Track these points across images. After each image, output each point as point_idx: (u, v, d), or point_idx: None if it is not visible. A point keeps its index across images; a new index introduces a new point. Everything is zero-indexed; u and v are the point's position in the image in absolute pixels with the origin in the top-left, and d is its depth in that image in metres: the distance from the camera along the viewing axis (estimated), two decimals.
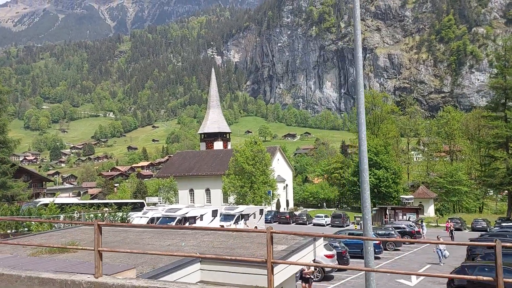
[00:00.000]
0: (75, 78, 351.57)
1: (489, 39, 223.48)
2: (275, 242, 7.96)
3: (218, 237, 9.16)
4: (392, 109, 70.39)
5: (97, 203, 29.61)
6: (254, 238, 8.91)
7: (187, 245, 8.06)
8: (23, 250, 7.95)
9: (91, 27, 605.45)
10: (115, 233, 9.85)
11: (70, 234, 9.87)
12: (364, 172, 7.75)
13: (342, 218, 45.25)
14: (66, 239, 8.97)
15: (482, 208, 65.63)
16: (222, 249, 7.80)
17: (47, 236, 9.86)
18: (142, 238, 9.17)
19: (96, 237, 4.90)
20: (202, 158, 68.52)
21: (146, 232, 10.04)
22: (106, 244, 7.30)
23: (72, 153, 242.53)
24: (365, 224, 7.75)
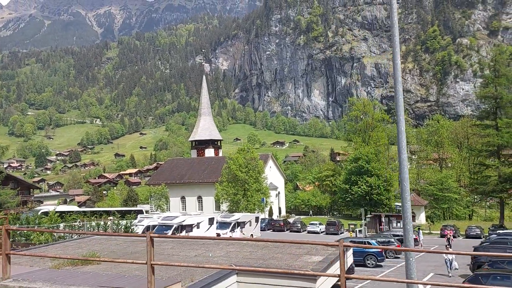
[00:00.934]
0: (61, 84, 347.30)
1: (473, 50, 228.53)
2: (310, 253, 7.85)
3: (243, 247, 9.01)
4: (382, 117, 71.24)
5: (99, 211, 29.02)
6: (282, 248, 8.76)
7: (215, 256, 7.91)
8: (42, 262, 7.67)
9: (78, 33, 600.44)
10: (134, 244, 9.62)
11: (86, 245, 9.60)
12: (405, 181, 7.66)
13: (336, 225, 45.30)
14: (82, 249, 8.72)
15: (472, 215, 66.52)
16: (254, 260, 7.65)
17: (62, 247, 9.57)
18: (163, 248, 8.97)
19: (149, 250, 4.75)
20: (193, 166, 68.11)
21: (166, 242, 9.83)
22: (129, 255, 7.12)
23: (58, 160, 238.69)
24: (406, 235, 7.53)
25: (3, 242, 6.03)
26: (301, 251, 8.21)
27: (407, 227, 7.53)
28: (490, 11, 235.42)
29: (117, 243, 9.53)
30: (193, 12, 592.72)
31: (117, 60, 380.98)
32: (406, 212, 7.61)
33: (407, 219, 7.59)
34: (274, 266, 6.99)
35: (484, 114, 46.00)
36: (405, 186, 7.66)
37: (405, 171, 7.74)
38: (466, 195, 66.39)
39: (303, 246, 8.20)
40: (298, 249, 8.40)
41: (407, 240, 7.44)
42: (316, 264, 7.07)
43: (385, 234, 28.44)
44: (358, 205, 66.26)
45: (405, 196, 7.65)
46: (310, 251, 8.41)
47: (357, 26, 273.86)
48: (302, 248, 6.90)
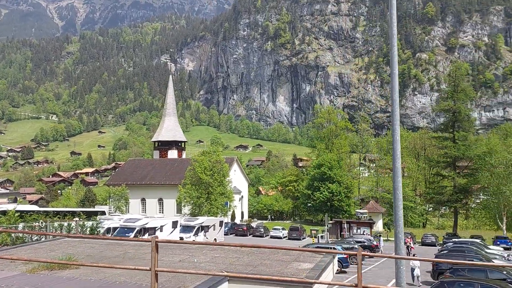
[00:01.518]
0: (16, 77, 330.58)
1: (431, 64, 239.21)
2: (298, 260, 7.61)
3: (228, 252, 8.64)
4: (346, 126, 72.78)
5: (62, 211, 27.38)
6: (269, 255, 8.47)
7: (200, 262, 7.50)
8: (13, 265, 6.95)
9: (37, 25, 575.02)
10: (109, 247, 9.01)
11: (58, 247, 8.88)
12: (398, 190, 7.60)
13: (299, 231, 45.53)
14: (56, 253, 8.04)
15: (426, 223, 69.08)
16: (243, 266, 7.32)
17: (32, 249, 8.79)
18: (144, 253, 8.43)
19: (154, 255, 4.33)
20: (155, 167, 66.55)
21: (144, 246, 9.28)
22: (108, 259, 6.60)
23: (9, 156, 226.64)
24: (398, 243, 7.48)
25: None
26: (289, 258, 7.99)
27: (399, 235, 7.49)
28: (449, 28, 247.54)
29: (91, 246, 8.89)
30: (160, 11, 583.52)
31: (78, 55, 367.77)
32: (398, 220, 7.57)
33: (399, 228, 7.54)
34: (266, 273, 6.70)
35: (442, 127, 47.99)
36: (398, 194, 7.63)
37: (399, 180, 7.71)
38: (421, 203, 68.98)
39: (290, 252, 7.97)
40: (285, 255, 8.18)
41: (398, 248, 7.40)
42: (309, 271, 6.86)
43: (348, 240, 28.85)
44: (320, 211, 67.19)
45: (398, 204, 7.61)
46: (297, 257, 8.22)
47: (323, 35, 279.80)
48: (289, 255, 6.66)
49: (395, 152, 7.67)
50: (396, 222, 7.64)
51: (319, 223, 68.08)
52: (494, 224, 53.07)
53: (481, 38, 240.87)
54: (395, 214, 7.68)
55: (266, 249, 9.19)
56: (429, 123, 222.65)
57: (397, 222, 7.62)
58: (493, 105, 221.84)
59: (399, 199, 7.65)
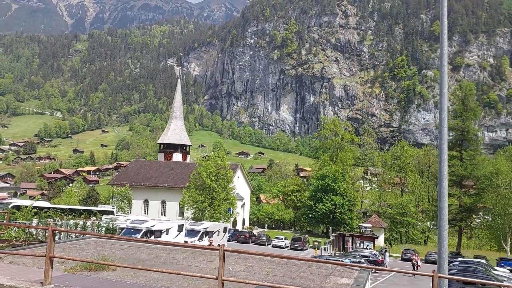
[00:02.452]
0: (23, 72, 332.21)
1: (436, 82, 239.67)
2: (334, 274, 7.69)
3: (260, 262, 8.69)
4: (352, 139, 72.94)
5: (78, 209, 27.41)
6: (300, 267, 8.52)
7: (236, 270, 7.58)
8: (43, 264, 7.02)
9: (47, 21, 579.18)
10: (137, 249, 9.09)
11: (87, 247, 8.96)
12: (444, 210, 7.62)
13: (302, 241, 45.41)
14: (86, 252, 8.14)
15: (427, 241, 68.85)
16: (282, 278, 7.38)
17: (63, 248, 8.87)
18: (175, 257, 8.49)
19: (221, 264, 4.45)
20: (160, 169, 66.66)
21: (174, 250, 9.34)
22: (141, 262, 6.71)
23: (11, 150, 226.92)
24: (442, 263, 7.43)
25: (48, 244, 5.47)
26: (323, 271, 8.03)
27: (443, 255, 7.49)
28: (455, 47, 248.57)
29: (120, 248, 8.94)
30: (169, 14, 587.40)
31: (86, 54, 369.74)
32: (443, 240, 7.56)
33: (443, 248, 7.55)
34: (307, 286, 6.76)
35: (449, 145, 48.07)
36: (444, 214, 7.62)
37: (445, 200, 7.74)
38: (424, 220, 68.84)
39: (321, 265, 8.01)
40: (318, 268, 8.23)
41: (442, 269, 7.42)
42: (344, 286, 6.90)
43: (354, 254, 28.81)
44: (321, 222, 67.12)
45: (443, 224, 7.58)
46: (332, 272, 8.25)
47: (330, 47, 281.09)
48: (322, 268, 6.71)
49: (442, 172, 7.75)
50: (441, 242, 7.64)
51: (319, 235, 67.95)
52: (496, 245, 52.94)
53: (487, 59, 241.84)
54: (439, 234, 7.68)
55: (297, 261, 9.24)
56: (432, 140, 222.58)
57: (441, 242, 7.62)
58: (496, 125, 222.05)
59: (444, 219, 7.66)
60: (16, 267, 6.28)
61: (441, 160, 7.81)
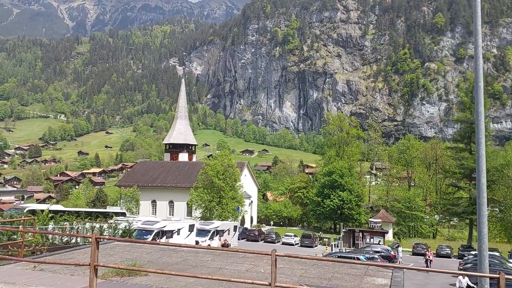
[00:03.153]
0: (26, 75, 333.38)
1: (440, 74, 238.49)
2: (369, 274, 7.56)
3: (290, 263, 8.55)
4: (358, 134, 72.64)
5: (95, 212, 27.42)
6: (332, 267, 8.36)
7: (268, 272, 7.42)
8: (72, 270, 6.95)
9: (48, 25, 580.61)
10: (164, 252, 8.99)
11: (114, 251, 8.86)
12: (483, 206, 7.48)
13: (311, 238, 45.30)
14: (114, 257, 8.04)
15: (436, 234, 68.59)
16: (318, 279, 7.26)
17: (90, 253, 8.72)
18: (203, 260, 8.37)
19: (273, 270, 4.33)
20: (166, 169, 66.68)
21: (200, 252, 9.23)
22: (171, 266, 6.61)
23: (16, 154, 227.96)
24: (482, 260, 7.28)
25: (93, 252, 5.38)
26: (356, 271, 7.92)
27: (483, 252, 7.34)
28: (458, 39, 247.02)
29: (146, 251, 8.84)
30: (169, 14, 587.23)
31: (88, 56, 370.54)
32: (483, 237, 7.40)
33: (483, 244, 7.41)
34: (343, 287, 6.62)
35: (458, 138, 47.80)
36: (483, 210, 7.47)
37: (484, 196, 7.58)
38: (432, 214, 68.52)
39: (355, 266, 7.86)
40: (349, 268, 8.11)
41: (483, 266, 7.28)
42: (382, 287, 6.76)
43: (366, 250, 28.59)
44: (329, 218, 66.96)
45: (483, 221, 7.42)
46: (366, 271, 8.12)
47: (332, 42, 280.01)
48: (354, 268, 6.56)
49: (480, 167, 7.56)
50: (481, 239, 7.48)
51: (327, 231, 67.82)
52: (506, 237, 52.58)
53: (490, 50, 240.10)
54: (479, 231, 7.53)
55: (327, 262, 9.09)
56: (437, 133, 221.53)
57: (482, 239, 7.46)
58: (501, 116, 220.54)
59: (484, 215, 7.50)
60: (50, 275, 6.19)
61: (479, 155, 7.62)
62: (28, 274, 6.00)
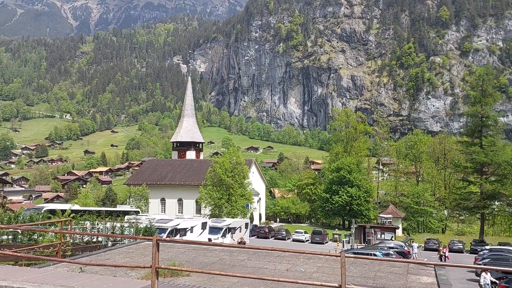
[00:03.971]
0: (31, 76, 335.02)
1: (445, 68, 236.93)
2: (412, 272, 7.54)
3: (328, 262, 8.53)
4: (365, 129, 72.42)
5: (115, 211, 27.56)
6: (374, 266, 8.31)
7: (311, 272, 7.45)
8: (113, 271, 6.97)
9: (52, 25, 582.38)
10: (200, 252, 9.01)
11: (148, 251, 8.86)
12: None
13: (322, 235, 45.30)
14: (150, 257, 8.03)
15: (445, 229, 68.39)
16: (362, 278, 7.25)
17: (125, 254, 8.80)
18: (240, 259, 8.38)
19: (343, 272, 4.34)
20: (175, 167, 66.85)
21: (234, 251, 9.24)
22: (208, 266, 6.63)
23: (23, 154, 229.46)
24: None
25: (154, 254, 5.40)
26: (398, 270, 7.92)
27: None
28: (463, 32, 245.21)
29: (180, 251, 8.88)
30: (172, 12, 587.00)
31: (92, 55, 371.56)
32: None
33: None
34: (395, 287, 6.60)
35: (469, 132, 47.50)
36: None
37: None
38: (441, 209, 68.29)
39: (394, 264, 7.84)
40: (391, 267, 8.11)
41: None
42: (428, 285, 6.74)
43: (381, 246, 28.50)
44: (338, 215, 66.95)
45: None
46: (408, 270, 8.11)
47: (336, 37, 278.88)
48: (395, 266, 6.54)
49: None
50: None
51: (336, 227, 67.80)
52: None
53: (496, 43, 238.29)
54: None
55: (366, 260, 9.07)
56: (443, 127, 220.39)
57: None
58: (507, 110, 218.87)
59: None
60: (97, 277, 6.23)
61: None
62: (77, 277, 6.05)
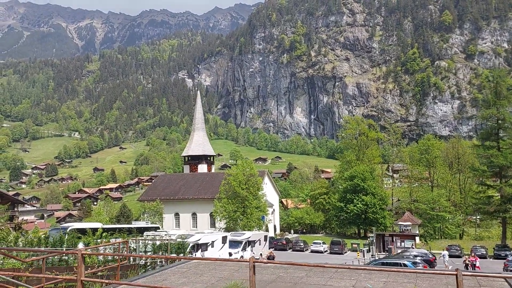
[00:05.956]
0: (39, 96, 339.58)
1: (451, 72, 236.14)
2: (484, 285, 7.26)
3: (394, 277, 8.24)
4: (377, 136, 71.99)
5: (141, 227, 27.44)
6: (442, 279, 8.00)
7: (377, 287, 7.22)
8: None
9: (58, 45, 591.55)
10: (249, 270, 8.77)
11: (203, 271, 8.67)
12: None
13: (341, 245, 44.69)
14: (206, 277, 7.87)
15: (463, 235, 67.28)
16: None
17: (180, 273, 8.59)
18: (299, 276, 8.14)
19: None
20: (187, 182, 66.77)
21: (291, 268, 8.97)
22: (269, 285, 6.43)
23: (33, 173, 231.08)
24: None
25: (251, 277, 5.26)
26: (468, 283, 7.66)
27: None
28: (467, 35, 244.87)
29: (232, 269, 8.65)
30: (176, 27, 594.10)
31: (98, 73, 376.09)
32: None
33: None
34: None
35: (486, 135, 46.96)
36: None
37: None
38: (457, 214, 67.28)
39: (465, 277, 7.50)
40: (428, 278, 7.83)
41: None
42: None
43: (406, 255, 27.88)
44: (353, 224, 66.20)
45: None
46: (480, 282, 7.83)
47: (339, 46, 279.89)
48: (467, 279, 6.26)
49: None
50: None
51: (352, 236, 67.00)
52: None
53: (501, 44, 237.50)
54: None
55: (437, 274, 8.76)
56: (451, 131, 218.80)
57: None
58: None
59: None
60: None
61: None
62: None
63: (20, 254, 12.44)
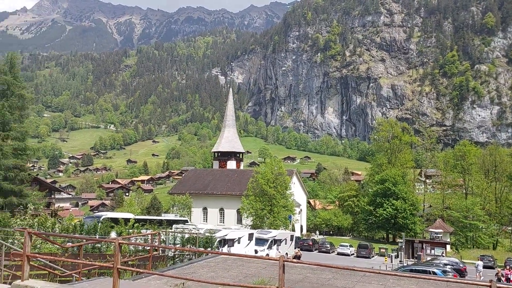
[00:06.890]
0: (78, 88, 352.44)
1: (491, 77, 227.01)
2: None
3: (421, 284, 8.22)
4: (411, 140, 70.41)
5: (171, 220, 28.22)
6: None
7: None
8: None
9: (98, 40, 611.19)
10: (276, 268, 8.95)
11: (230, 266, 8.94)
12: None
13: (368, 249, 44.11)
14: (233, 272, 8.13)
15: (496, 245, 64.86)
16: None
17: (208, 268, 8.90)
18: (326, 278, 8.25)
19: None
20: (216, 177, 67.62)
21: (318, 269, 9.09)
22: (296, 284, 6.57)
23: (70, 162, 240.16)
24: None
25: (280, 276, 5.54)
26: None
27: None
28: (510, 39, 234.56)
29: (259, 266, 8.93)
30: (211, 25, 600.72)
31: (135, 68, 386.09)
32: None
33: None
34: None
35: None
36: None
37: None
38: (491, 223, 64.89)
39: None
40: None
41: None
42: None
43: (436, 263, 27.19)
44: (382, 228, 65.12)
45: None
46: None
47: (375, 46, 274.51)
48: None
49: None
50: None
51: (380, 241, 65.91)
52: None
53: None
54: None
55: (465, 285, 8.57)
56: (489, 137, 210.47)
57: None
58: None
59: None
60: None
61: None
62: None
63: (57, 240, 13.07)
